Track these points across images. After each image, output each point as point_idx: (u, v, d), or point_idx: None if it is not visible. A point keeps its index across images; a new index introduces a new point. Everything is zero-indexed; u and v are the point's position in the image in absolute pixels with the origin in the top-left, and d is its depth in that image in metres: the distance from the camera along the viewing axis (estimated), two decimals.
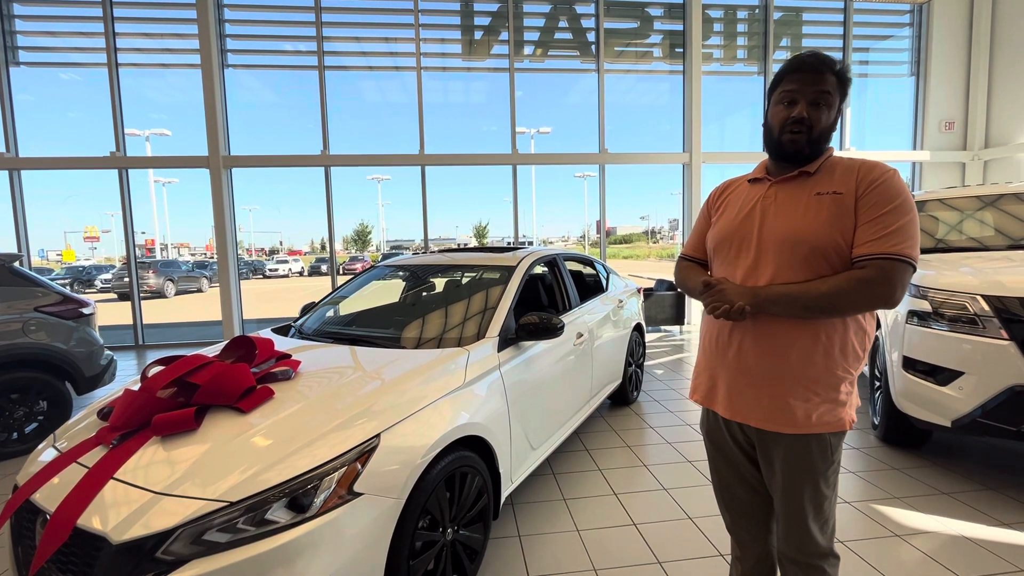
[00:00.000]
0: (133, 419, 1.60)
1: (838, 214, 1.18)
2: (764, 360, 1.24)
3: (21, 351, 3.34)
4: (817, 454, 1.23)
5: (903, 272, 1.13)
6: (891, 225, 1.13)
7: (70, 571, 1.38)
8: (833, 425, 1.22)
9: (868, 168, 1.21)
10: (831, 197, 1.19)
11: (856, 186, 1.19)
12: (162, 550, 1.28)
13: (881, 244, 1.13)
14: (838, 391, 1.21)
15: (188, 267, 19.61)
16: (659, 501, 2.52)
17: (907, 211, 1.15)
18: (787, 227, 1.22)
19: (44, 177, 7.12)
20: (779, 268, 1.21)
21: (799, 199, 1.23)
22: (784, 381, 1.22)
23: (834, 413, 1.21)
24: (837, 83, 1.21)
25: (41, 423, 3.47)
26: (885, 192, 1.16)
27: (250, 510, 1.34)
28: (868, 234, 1.15)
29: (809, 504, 1.25)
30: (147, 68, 7.40)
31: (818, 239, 1.18)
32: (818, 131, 1.22)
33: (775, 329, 1.22)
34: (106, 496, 1.39)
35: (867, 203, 1.17)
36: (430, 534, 1.71)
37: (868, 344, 1.24)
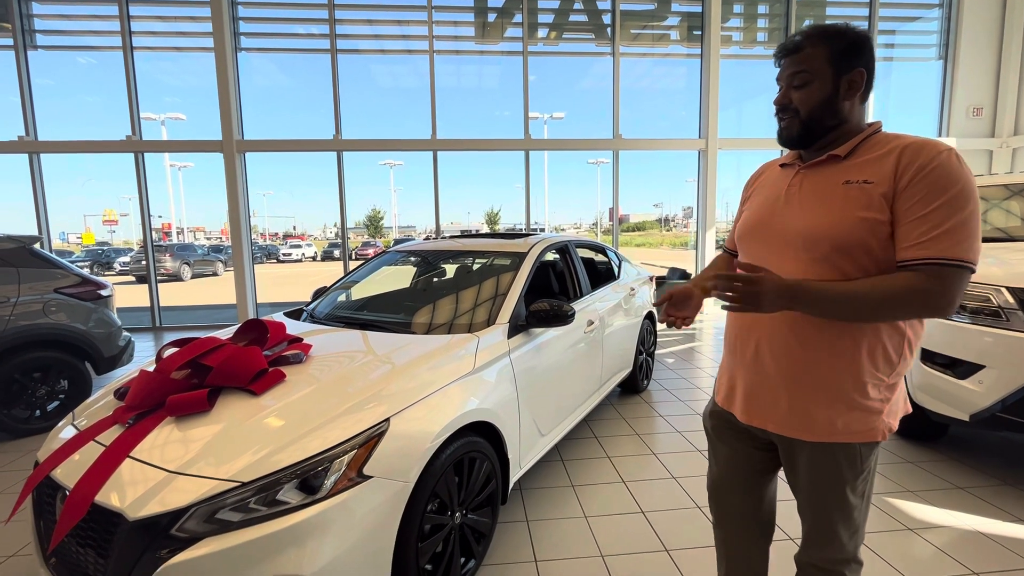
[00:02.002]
0: (148, 399, 1.62)
1: (867, 207, 1.01)
2: (781, 362, 1.13)
3: (42, 331, 3.41)
4: (844, 464, 1.12)
5: (961, 278, 0.96)
6: (946, 222, 0.95)
7: (89, 546, 1.42)
8: (861, 435, 1.09)
9: (915, 150, 1.00)
10: (859, 187, 1.03)
11: (897, 173, 1.00)
12: (176, 527, 1.31)
13: (934, 246, 0.96)
14: (867, 397, 1.08)
15: (204, 251, 19.87)
16: (668, 489, 2.52)
17: (965, 203, 0.96)
18: (807, 221, 1.08)
19: (63, 160, 7.22)
20: (799, 267, 1.09)
21: (825, 188, 1.08)
22: (803, 385, 1.11)
23: (864, 421, 1.09)
24: (830, 53, 1.06)
25: (62, 402, 3.56)
26: (937, 180, 0.96)
27: (262, 490, 1.36)
28: (917, 233, 0.97)
29: (837, 514, 1.16)
30: (161, 52, 7.43)
31: (840, 236, 1.03)
32: (808, 112, 1.09)
33: (794, 328, 1.10)
34: (123, 474, 1.42)
35: (913, 195, 0.98)
36: (439, 517, 1.72)
37: (909, 348, 1.09)
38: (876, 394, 1.08)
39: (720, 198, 7.69)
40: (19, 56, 6.88)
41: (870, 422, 1.09)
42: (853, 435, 1.10)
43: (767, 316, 1.13)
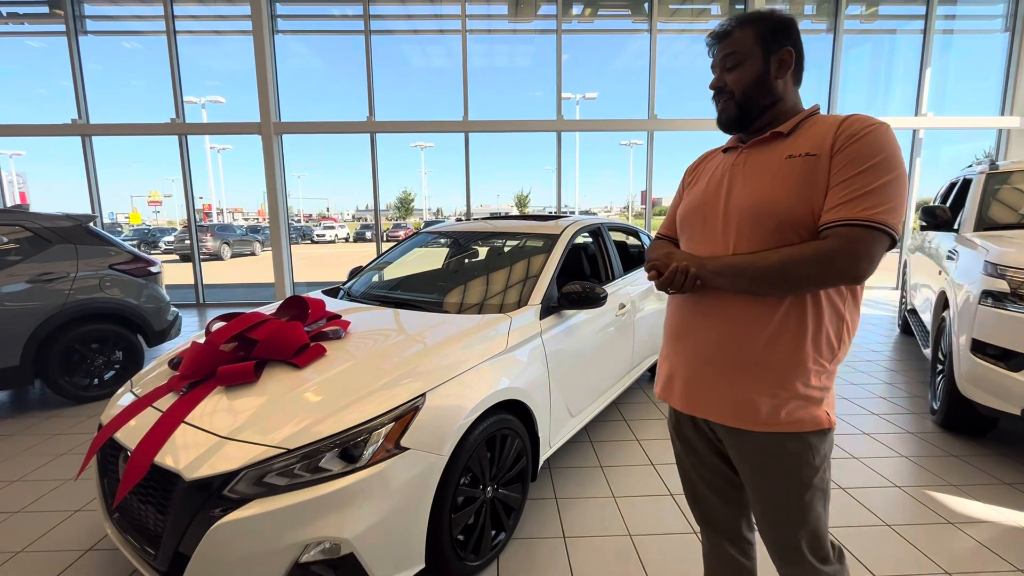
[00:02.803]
0: (200, 369, 1.72)
1: (810, 180, 1.00)
2: (722, 348, 1.08)
3: (98, 305, 3.62)
4: (797, 456, 1.06)
5: (872, 242, 0.94)
6: (866, 186, 0.95)
7: (149, 503, 1.53)
8: (807, 424, 1.04)
9: (851, 122, 1.01)
10: (802, 160, 1.02)
11: (833, 144, 1.00)
12: (228, 488, 1.39)
13: (849, 208, 0.95)
14: (809, 385, 1.04)
15: (242, 231, 20.54)
16: None
17: (889, 170, 0.96)
18: (752, 197, 1.06)
19: (111, 144, 7.53)
20: (743, 243, 1.06)
21: (768, 164, 1.07)
22: (746, 372, 1.06)
23: (807, 410, 1.04)
24: (757, 34, 1.08)
25: (117, 371, 3.79)
26: (864, 147, 0.97)
27: (305, 457, 1.43)
28: (837, 197, 0.97)
29: (794, 516, 1.09)
30: (202, 36, 7.60)
31: (785, 210, 1.01)
32: (742, 91, 1.10)
33: (734, 312, 1.07)
34: (178, 438, 1.52)
35: (841, 161, 0.98)
36: (471, 490, 1.77)
37: (847, 332, 1.06)
38: (818, 382, 1.05)
39: None
40: (71, 42, 7.17)
41: (813, 411, 1.05)
42: (798, 424, 1.04)
43: (707, 301, 1.10)
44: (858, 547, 1.93)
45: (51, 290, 3.44)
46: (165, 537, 1.44)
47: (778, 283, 0.99)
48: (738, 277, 1.02)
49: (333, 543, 1.41)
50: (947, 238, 3.52)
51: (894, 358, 4.45)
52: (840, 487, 2.37)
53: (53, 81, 7.95)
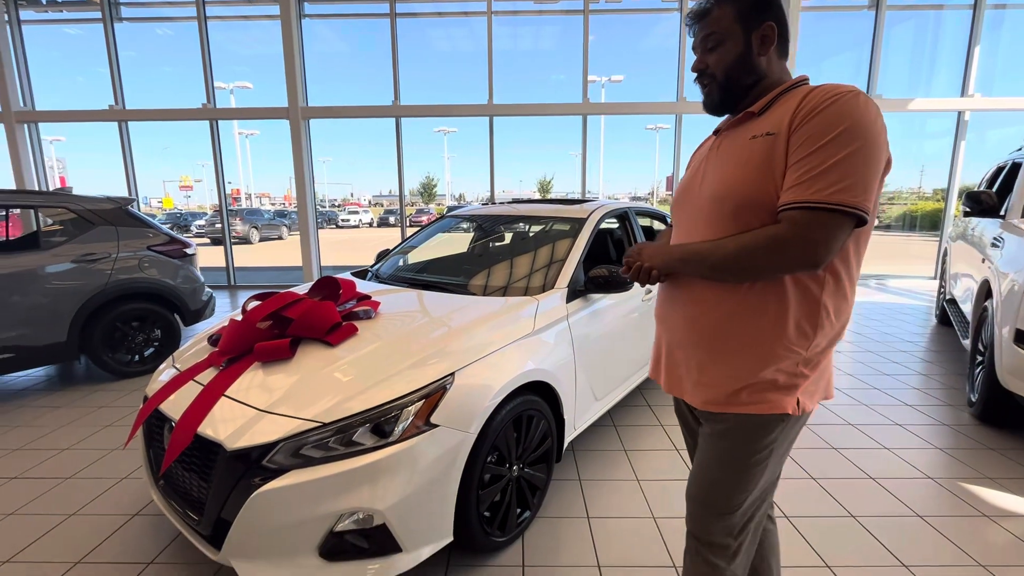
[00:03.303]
0: (238, 346, 1.78)
1: (768, 161, 0.95)
2: (690, 329, 1.09)
3: (138, 285, 3.77)
4: (747, 434, 1.05)
5: (829, 225, 0.87)
6: (823, 163, 0.87)
7: (193, 471, 1.60)
8: (765, 406, 1.01)
9: (814, 95, 0.93)
10: (763, 140, 0.97)
11: (792, 120, 0.93)
12: (267, 459, 1.45)
13: (803, 190, 0.89)
14: (779, 370, 1.00)
15: (270, 216, 20.95)
16: None
17: (850, 141, 0.87)
18: (717, 181, 1.04)
19: (144, 130, 7.73)
20: (709, 228, 1.04)
21: (735, 147, 1.04)
22: (707, 355, 1.07)
23: (770, 394, 1.01)
24: (736, 11, 1.03)
25: (156, 348, 3.94)
26: (824, 121, 0.89)
27: (340, 431, 1.48)
28: (792, 178, 0.91)
29: (720, 483, 1.08)
30: (230, 21, 7.69)
31: (743, 192, 0.98)
32: (724, 73, 1.05)
33: (694, 295, 1.07)
34: (220, 410, 1.58)
35: (799, 139, 0.91)
36: (498, 468, 1.81)
37: (828, 317, 1.00)
38: (788, 367, 1.00)
39: None
40: (107, 28, 7.35)
41: (777, 396, 1.01)
42: (756, 406, 1.02)
43: (676, 286, 1.12)
44: (889, 538, 1.91)
45: (94, 270, 3.59)
46: (208, 504, 1.52)
47: (735, 271, 0.97)
48: (700, 265, 1.01)
49: (366, 513, 1.46)
50: (992, 225, 3.37)
51: (930, 349, 4.32)
52: (870, 476, 2.33)
53: (90, 68, 8.19)
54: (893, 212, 13.98)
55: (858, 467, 2.42)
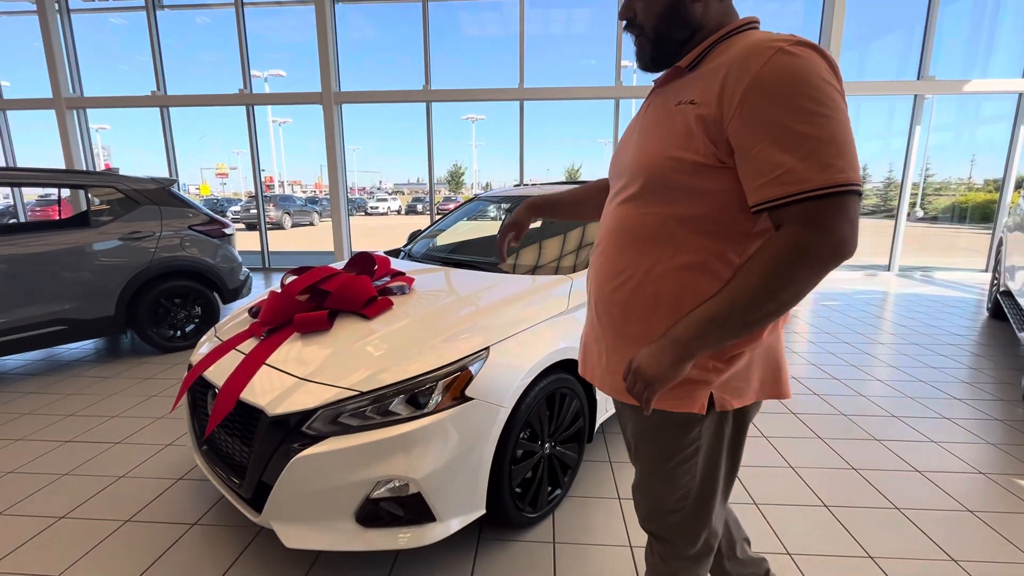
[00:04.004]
0: (278, 317, 1.82)
1: (685, 135, 0.81)
2: (602, 310, 0.98)
3: (179, 263, 3.90)
4: (666, 432, 0.95)
5: (841, 207, 0.72)
6: (801, 145, 0.71)
7: (235, 436, 1.65)
8: (674, 403, 0.90)
9: (745, 55, 0.76)
10: (686, 110, 0.82)
11: (723, 90, 0.77)
12: (306, 425, 1.48)
13: (783, 183, 0.73)
14: None
15: (302, 202, 21.39)
16: (758, 447, 2.44)
17: (811, 111, 0.71)
18: (633, 154, 0.92)
19: (182, 119, 7.94)
20: (621, 210, 0.94)
21: (660, 112, 0.90)
22: (620, 337, 0.95)
23: (680, 388, 0.89)
24: None
25: (197, 325, 4.08)
26: (772, 92, 0.72)
27: (376, 400, 1.50)
28: (755, 170, 0.75)
29: (662, 491, 1.00)
30: (266, 7, 7.79)
31: (653, 170, 0.85)
32: (652, 25, 0.90)
33: (614, 266, 0.94)
34: (261, 378, 1.62)
35: (743, 120, 0.74)
36: (530, 444, 1.80)
37: None
38: (699, 360, 0.86)
39: None
40: (150, 16, 7.55)
41: (689, 390, 0.89)
42: (669, 402, 0.90)
43: (603, 252, 0.98)
44: (937, 532, 1.83)
45: (139, 248, 3.72)
46: (250, 468, 1.56)
47: (776, 302, 0.76)
48: (725, 326, 0.78)
49: (402, 482, 1.47)
50: None
51: (981, 343, 4.11)
52: (915, 469, 2.24)
53: (132, 57, 8.46)
54: (940, 203, 13.30)
55: (903, 459, 2.33)
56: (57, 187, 3.69)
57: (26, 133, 8.43)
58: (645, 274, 0.89)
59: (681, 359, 0.80)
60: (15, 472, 2.26)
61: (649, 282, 0.89)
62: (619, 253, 0.93)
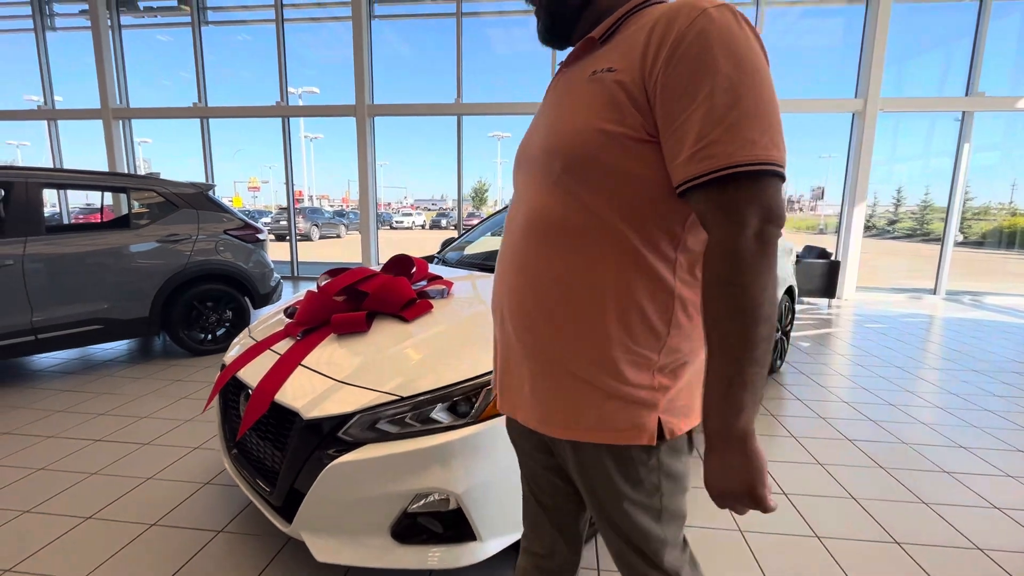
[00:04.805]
0: (315, 317, 1.76)
1: (609, 105, 0.70)
2: (519, 331, 0.82)
3: (213, 266, 3.92)
4: (616, 471, 0.79)
5: (758, 191, 0.63)
6: (720, 119, 0.63)
7: (267, 439, 1.58)
8: (621, 434, 0.75)
9: (668, 19, 0.67)
10: (600, 79, 0.72)
11: (645, 55, 0.68)
12: (343, 431, 1.40)
13: (704, 159, 0.63)
14: (624, 381, 0.74)
15: (329, 215, 21.84)
16: (813, 475, 2.26)
17: (736, 80, 0.63)
18: (546, 130, 0.79)
19: (218, 133, 8.17)
20: (539, 195, 0.78)
21: (572, 86, 0.79)
22: (545, 363, 0.79)
23: (625, 415, 0.75)
24: None
25: (227, 329, 4.09)
26: (690, 60, 0.64)
27: (416, 407, 1.41)
28: (679, 145, 0.66)
29: (628, 535, 0.82)
30: (301, 23, 8.00)
31: (575, 146, 0.73)
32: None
33: (532, 284, 0.79)
34: (296, 379, 1.55)
35: (666, 87, 0.66)
36: None
37: (684, 311, 0.75)
38: (639, 377, 0.74)
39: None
40: (195, 32, 7.84)
41: (634, 416, 0.75)
42: (610, 433, 0.76)
43: (508, 270, 0.84)
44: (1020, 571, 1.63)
45: (176, 250, 3.76)
46: (281, 474, 1.48)
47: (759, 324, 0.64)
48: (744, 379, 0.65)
49: (442, 495, 1.37)
50: None
51: None
52: (994, 506, 2.03)
53: (174, 72, 8.79)
54: (982, 228, 12.79)
55: (978, 494, 2.12)
56: (100, 189, 3.77)
57: (71, 143, 8.79)
58: (572, 276, 0.75)
59: (744, 445, 0.66)
60: (45, 469, 2.23)
61: (577, 286, 0.75)
62: (540, 253, 0.78)
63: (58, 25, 8.41)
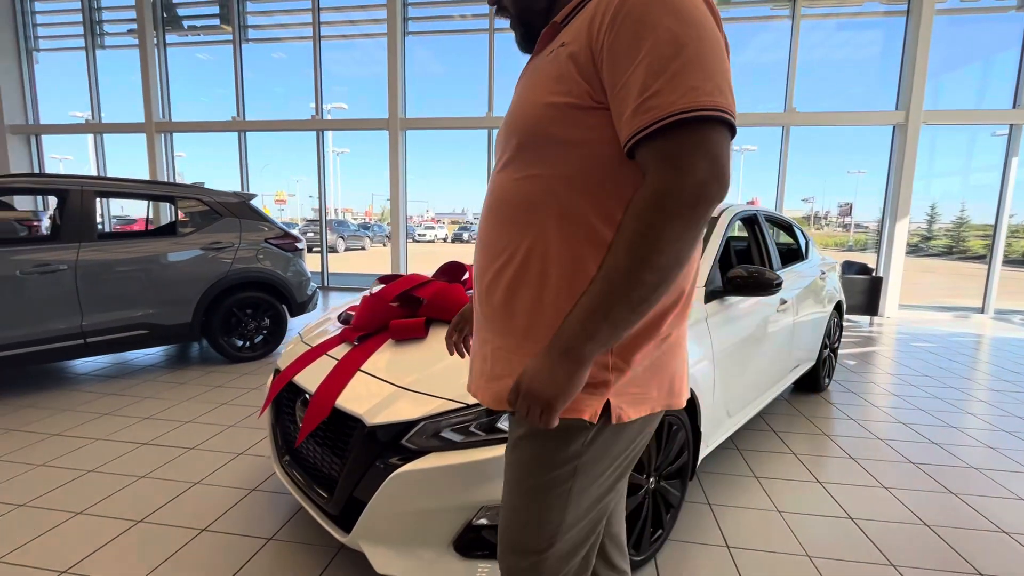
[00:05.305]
0: (372, 322, 1.74)
1: (556, 78, 0.72)
2: (480, 302, 0.85)
3: (254, 274, 3.98)
4: (539, 443, 0.78)
5: (701, 140, 0.62)
6: (662, 70, 0.62)
7: (325, 446, 1.55)
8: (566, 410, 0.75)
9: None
10: (556, 54, 0.74)
11: (592, 25, 0.68)
12: (406, 438, 1.36)
13: (647, 111, 0.63)
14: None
15: (354, 227, 22.22)
16: (879, 499, 2.14)
17: (678, 31, 0.63)
18: (507, 116, 0.81)
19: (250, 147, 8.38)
20: (495, 180, 0.82)
21: (533, 68, 0.81)
22: (503, 334, 0.80)
23: None
24: None
25: (265, 336, 4.13)
26: (639, 19, 0.64)
27: (482, 415, 1.37)
28: (623, 103, 0.65)
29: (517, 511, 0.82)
30: (335, 40, 8.20)
31: (527, 124, 0.75)
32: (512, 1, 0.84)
33: (486, 249, 0.82)
34: (356, 385, 1.53)
35: (611, 48, 0.66)
36: (636, 476, 1.62)
37: None
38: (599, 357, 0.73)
39: None
40: (236, 49, 8.12)
41: (583, 393, 0.73)
42: None
43: (476, 249, 0.86)
44: None
45: (218, 258, 3.83)
46: (341, 482, 1.45)
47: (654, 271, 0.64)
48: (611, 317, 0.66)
49: None
50: None
51: None
52: None
53: (210, 89, 9.08)
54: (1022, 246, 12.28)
55: None
56: (150, 197, 3.87)
57: (113, 156, 9.12)
58: (528, 250, 0.76)
59: (577, 368, 0.67)
60: (95, 471, 2.25)
61: (534, 259, 0.75)
62: (497, 230, 0.80)
63: (107, 44, 8.79)
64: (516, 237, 0.77)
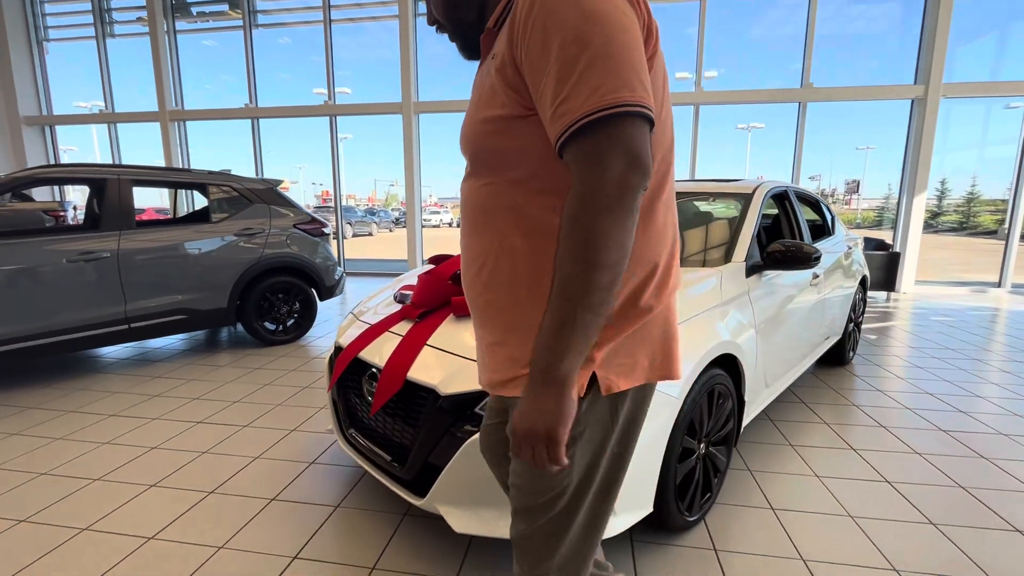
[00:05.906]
0: (432, 300, 1.81)
1: (490, 92, 0.76)
2: (470, 303, 0.90)
3: (284, 259, 4.05)
4: None
5: (610, 135, 0.63)
6: (569, 74, 0.64)
7: (397, 416, 1.64)
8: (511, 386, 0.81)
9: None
10: (488, 67, 0.78)
11: (511, 36, 0.71)
12: (479, 406, 1.44)
13: (559, 117, 0.66)
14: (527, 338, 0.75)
15: (362, 214, 22.21)
16: (913, 463, 2.22)
17: (583, 29, 0.63)
18: (462, 127, 0.85)
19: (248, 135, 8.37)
20: (462, 186, 0.87)
21: (479, 78, 0.84)
22: (493, 330, 0.84)
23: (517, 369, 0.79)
24: None
25: (296, 320, 4.22)
26: (540, 25, 0.66)
27: None
28: (543, 110, 0.69)
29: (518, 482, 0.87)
30: (346, 24, 8.15)
31: (474, 139, 0.80)
32: (441, 12, 0.86)
33: (466, 255, 0.87)
34: (426, 358, 1.60)
35: (528, 60, 0.68)
36: (690, 442, 1.70)
37: None
38: None
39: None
40: (246, 35, 8.08)
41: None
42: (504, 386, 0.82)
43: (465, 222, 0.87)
44: None
45: (250, 244, 3.90)
46: (415, 449, 1.54)
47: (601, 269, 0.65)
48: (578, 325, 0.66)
49: None
50: None
51: None
52: None
53: (217, 76, 9.06)
54: None
55: None
56: (183, 186, 3.92)
57: (126, 146, 9.15)
58: (497, 254, 0.80)
59: (561, 391, 0.68)
60: (159, 448, 2.35)
61: (503, 261, 0.80)
62: (470, 236, 0.85)
63: (117, 32, 8.77)
64: (485, 242, 0.82)
